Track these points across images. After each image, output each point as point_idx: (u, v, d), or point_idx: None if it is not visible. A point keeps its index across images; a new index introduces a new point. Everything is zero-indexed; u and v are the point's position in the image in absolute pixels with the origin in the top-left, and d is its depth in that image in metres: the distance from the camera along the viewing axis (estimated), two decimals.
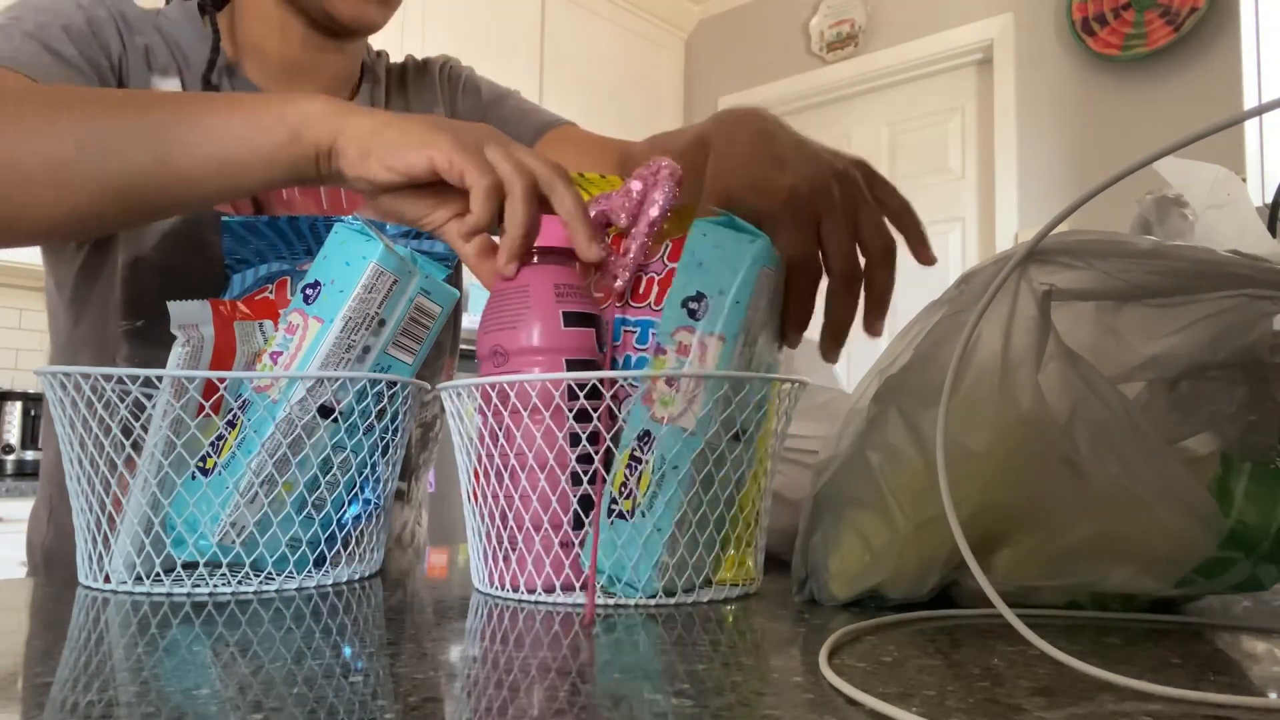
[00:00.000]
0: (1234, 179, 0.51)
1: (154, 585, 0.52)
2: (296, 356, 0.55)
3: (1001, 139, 2.92)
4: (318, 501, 0.56)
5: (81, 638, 0.40)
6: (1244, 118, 0.34)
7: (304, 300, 0.56)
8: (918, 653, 0.38)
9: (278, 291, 0.64)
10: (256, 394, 0.54)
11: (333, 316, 0.55)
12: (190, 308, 0.56)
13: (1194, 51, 2.57)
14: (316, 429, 0.54)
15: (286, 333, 0.56)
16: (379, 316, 0.56)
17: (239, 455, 0.54)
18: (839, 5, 3.34)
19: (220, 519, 0.53)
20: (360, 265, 0.55)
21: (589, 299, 0.55)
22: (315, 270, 0.56)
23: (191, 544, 0.53)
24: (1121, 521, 0.44)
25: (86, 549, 0.54)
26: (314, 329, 0.55)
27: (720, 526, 0.52)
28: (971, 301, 0.44)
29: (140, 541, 0.53)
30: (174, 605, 0.48)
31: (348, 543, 0.58)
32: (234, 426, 0.54)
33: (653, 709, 0.30)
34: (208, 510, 0.53)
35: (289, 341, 0.55)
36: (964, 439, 0.43)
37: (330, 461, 0.56)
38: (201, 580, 0.53)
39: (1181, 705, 0.31)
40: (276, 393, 0.54)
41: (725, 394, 0.49)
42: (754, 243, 0.50)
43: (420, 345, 0.60)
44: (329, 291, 0.55)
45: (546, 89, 3.17)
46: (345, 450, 0.56)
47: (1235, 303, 0.42)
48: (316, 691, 0.31)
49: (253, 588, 0.53)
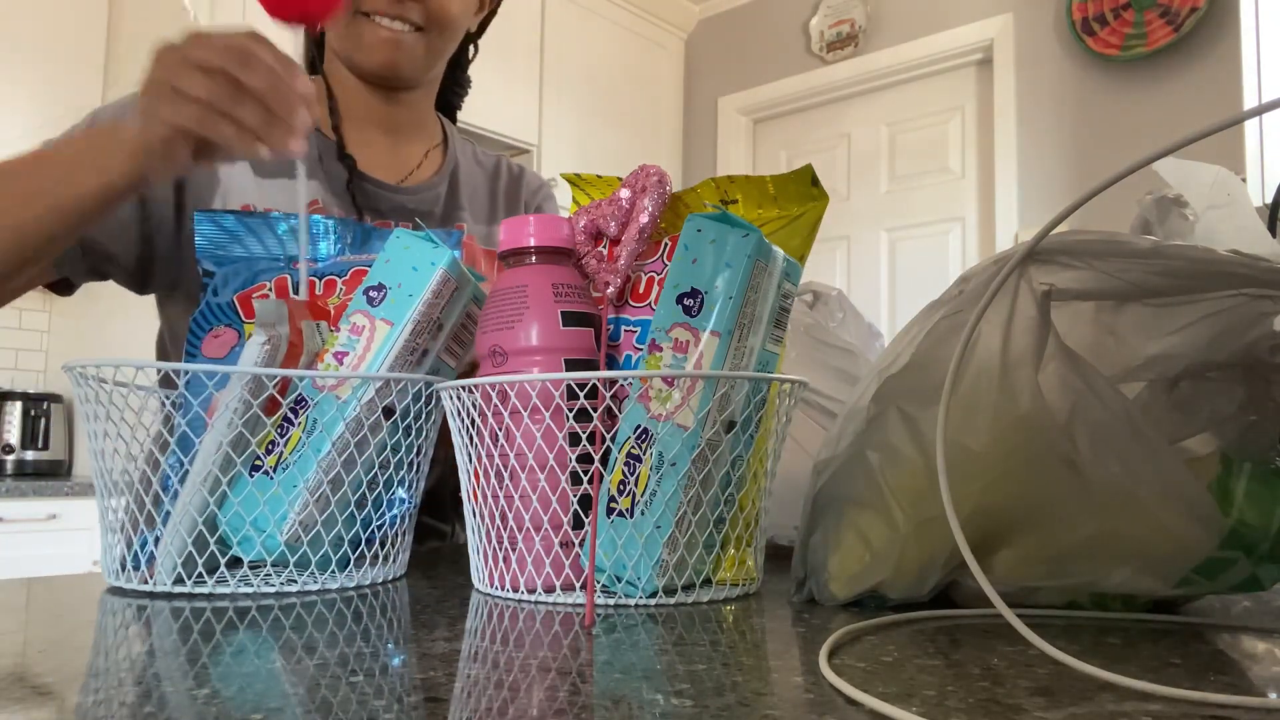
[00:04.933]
0: (1234, 179, 0.51)
1: (196, 585, 0.52)
2: (365, 358, 0.56)
3: (1001, 139, 2.92)
4: (360, 501, 0.57)
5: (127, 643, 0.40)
6: (1244, 118, 0.34)
7: (368, 302, 0.57)
8: (918, 653, 0.38)
9: (277, 290, 0.64)
10: (322, 393, 0.54)
11: (402, 320, 0.56)
12: (270, 305, 0.57)
13: (1194, 51, 2.57)
14: (379, 429, 0.56)
15: (351, 333, 0.57)
16: (439, 321, 0.58)
17: (309, 454, 0.54)
18: (839, 5, 3.34)
19: (290, 518, 0.54)
20: (429, 271, 0.56)
21: (587, 299, 0.55)
22: (378, 273, 0.57)
23: (260, 543, 0.54)
24: (1121, 521, 0.44)
25: (119, 549, 0.54)
26: (383, 331, 0.56)
27: (720, 525, 0.52)
28: (971, 301, 0.44)
29: (188, 541, 0.53)
30: (196, 609, 0.48)
31: (384, 543, 0.58)
32: (292, 424, 0.55)
33: (653, 709, 0.30)
34: (277, 509, 0.54)
35: (355, 342, 0.56)
36: (964, 439, 0.43)
37: (383, 461, 0.57)
38: (245, 580, 0.53)
39: (1181, 705, 0.31)
40: (347, 392, 0.55)
41: (724, 390, 0.49)
42: (747, 237, 0.50)
43: (465, 350, 0.61)
44: (396, 295, 0.56)
45: (546, 89, 3.17)
46: (399, 451, 0.57)
47: (1235, 303, 0.42)
48: (317, 691, 0.31)
49: (296, 587, 0.53)
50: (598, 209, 0.58)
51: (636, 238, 0.56)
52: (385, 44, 0.82)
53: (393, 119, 0.91)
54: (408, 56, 0.84)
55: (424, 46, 0.84)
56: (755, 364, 0.52)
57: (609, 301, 0.56)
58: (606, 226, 0.57)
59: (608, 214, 0.58)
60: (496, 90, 2.97)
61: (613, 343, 0.56)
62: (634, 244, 0.56)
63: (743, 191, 0.59)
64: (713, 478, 0.50)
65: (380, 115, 0.90)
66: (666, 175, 0.58)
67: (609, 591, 0.50)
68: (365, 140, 0.90)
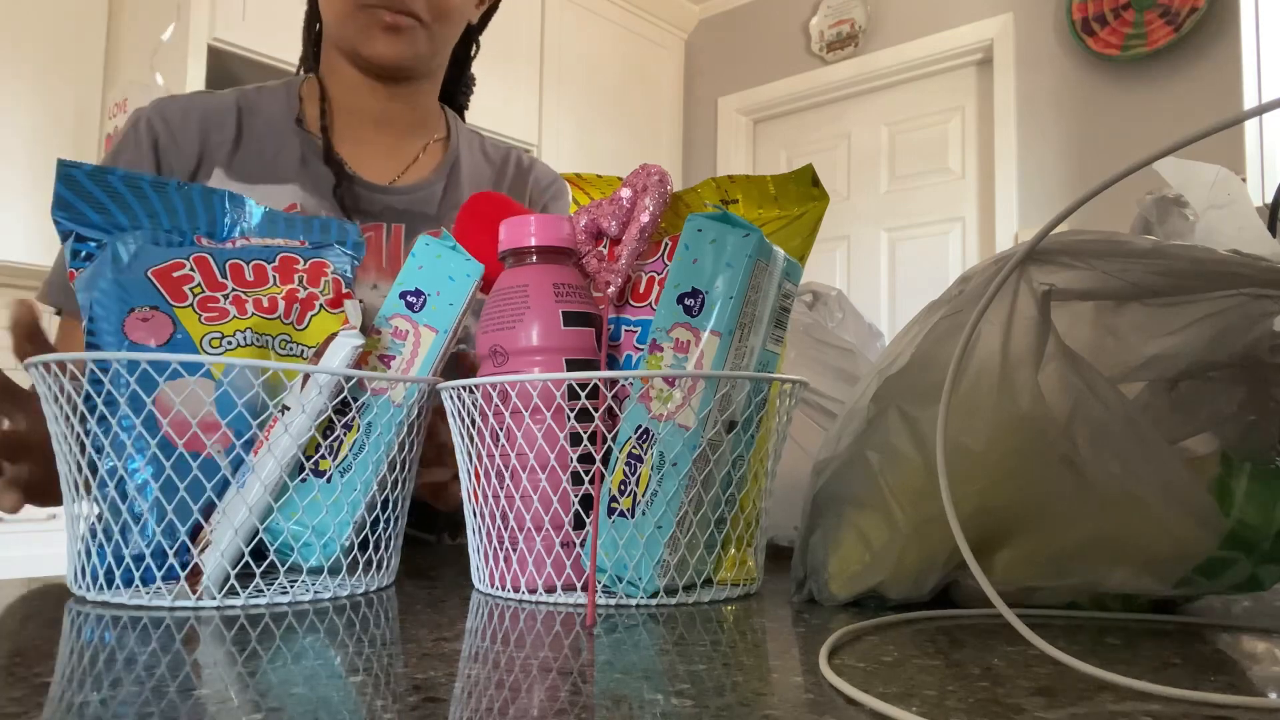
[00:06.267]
0: (1234, 179, 0.51)
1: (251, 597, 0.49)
2: (414, 362, 0.57)
3: (1001, 139, 2.93)
4: (370, 504, 0.56)
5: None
6: (1244, 118, 0.34)
7: (408, 308, 0.58)
8: (918, 653, 0.38)
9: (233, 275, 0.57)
10: (374, 396, 0.55)
11: (447, 328, 0.57)
12: (356, 307, 0.57)
13: (1194, 51, 2.57)
14: (415, 430, 0.57)
15: (395, 337, 0.57)
16: (462, 327, 0.60)
17: (368, 458, 0.54)
18: (839, 5, 3.34)
19: (349, 525, 0.54)
20: (466, 283, 0.58)
21: (588, 299, 0.55)
22: (412, 278, 0.58)
23: (319, 549, 0.53)
24: (1121, 521, 0.44)
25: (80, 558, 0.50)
26: (428, 337, 0.57)
27: (721, 525, 0.52)
28: (971, 301, 0.44)
29: (241, 550, 0.50)
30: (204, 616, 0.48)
31: (377, 547, 0.56)
32: (350, 429, 0.55)
33: (653, 709, 0.30)
34: (337, 515, 0.53)
35: (400, 346, 0.57)
36: (964, 439, 0.43)
37: (397, 463, 0.57)
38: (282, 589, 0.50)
39: (1181, 705, 0.31)
40: (399, 396, 0.55)
41: (725, 390, 0.49)
42: (748, 237, 0.50)
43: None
44: (437, 303, 0.57)
45: (546, 89, 3.17)
46: (404, 451, 0.57)
47: (1235, 303, 0.42)
48: (317, 691, 0.31)
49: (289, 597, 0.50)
50: (598, 208, 0.58)
51: (637, 237, 0.56)
52: (388, 34, 0.83)
53: (392, 115, 0.91)
54: (411, 46, 0.84)
55: (426, 36, 0.85)
56: (756, 364, 0.52)
57: (609, 301, 0.56)
58: (607, 226, 0.57)
59: (608, 213, 0.58)
60: (497, 90, 2.97)
61: (613, 343, 0.56)
62: (635, 243, 0.56)
63: (743, 191, 0.59)
64: (714, 478, 0.50)
65: (379, 111, 0.90)
66: (667, 175, 0.58)
67: (610, 592, 0.50)
68: (362, 138, 0.90)
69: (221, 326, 0.55)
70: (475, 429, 0.53)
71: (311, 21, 0.94)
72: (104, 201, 0.56)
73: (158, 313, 0.54)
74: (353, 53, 0.86)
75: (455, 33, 0.90)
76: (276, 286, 0.58)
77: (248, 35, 2.41)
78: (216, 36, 2.36)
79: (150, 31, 2.45)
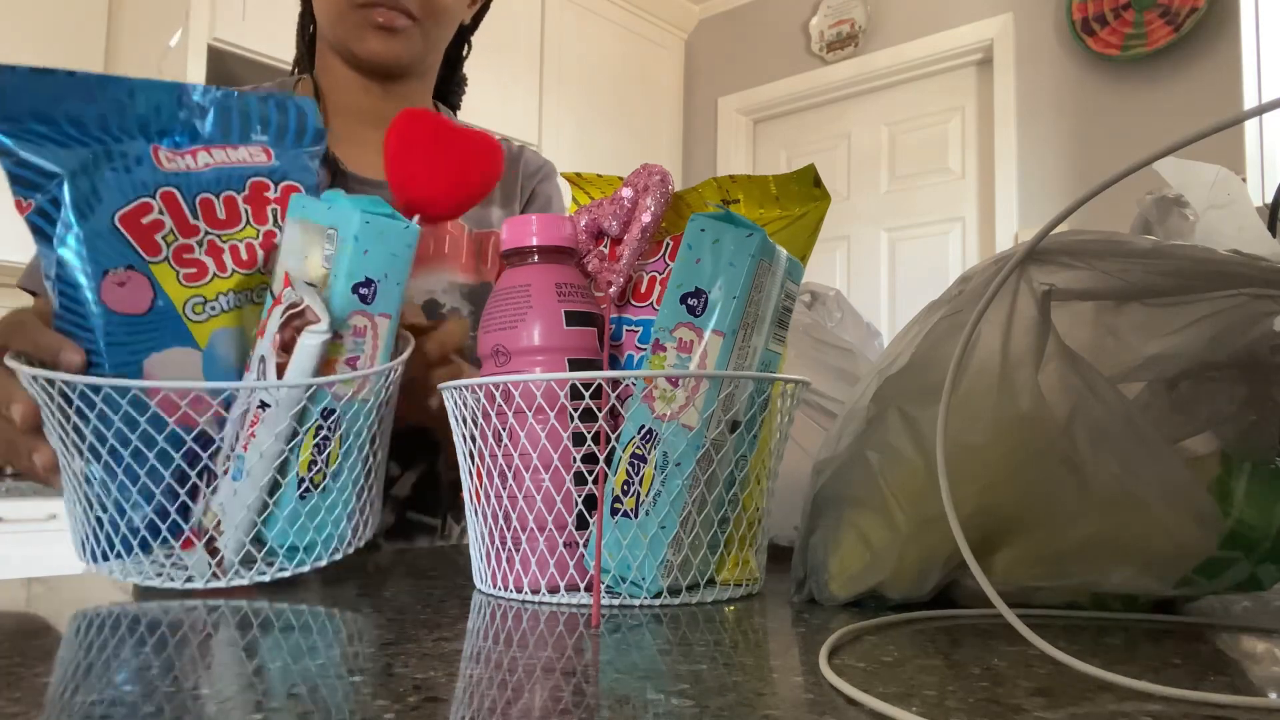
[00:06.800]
0: (1234, 179, 0.51)
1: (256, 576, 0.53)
2: (374, 355, 0.56)
3: (1001, 139, 2.92)
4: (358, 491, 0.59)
5: None
6: (1244, 118, 0.34)
7: (362, 301, 0.55)
8: (918, 653, 0.38)
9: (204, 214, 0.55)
10: (340, 402, 0.55)
11: (395, 309, 0.57)
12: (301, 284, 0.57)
13: (1194, 51, 2.57)
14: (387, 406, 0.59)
15: (355, 337, 0.55)
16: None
17: (357, 460, 0.56)
18: (839, 5, 3.34)
19: (345, 521, 0.56)
20: (407, 254, 0.56)
21: (590, 298, 0.55)
22: (361, 267, 0.54)
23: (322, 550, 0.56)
24: (1121, 521, 0.44)
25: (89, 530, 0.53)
26: (383, 325, 0.56)
27: (724, 525, 0.52)
28: (971, 301, 0.44)
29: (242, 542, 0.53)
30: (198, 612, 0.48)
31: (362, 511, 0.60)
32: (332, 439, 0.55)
33: (654, 709, 0.30)
34: (335, 515, 0.56)
35: (361, 344, 0.55)
36: (964, 439, 0.43)
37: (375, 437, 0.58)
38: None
39: (1181, 705, 0.31)
40: (369, 394, 0.56)
41: (728, 390, 0.49)
42: (751, 237, 0.50)
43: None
44: (385, 286, 0.56)
45: (546, 89, 3.17)
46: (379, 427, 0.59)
47: (1235, 303, 0.42)
48: (317, 691, 0.31)
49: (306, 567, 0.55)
50: (599, 208, 0.58)
51: (639, 237, 0.56)
52: (382, 33, 0.84)
53: (387, 113, 0.91)
54: (404, 45, 0.85)
55: (420, 35, 0.86)
56: (758, 364, 0.52)
57: (611, 301, 0.56)
58: (608, 226, 0.57)
59: (609, 213, 0.58)
60: (496, 89, 2.97)
61: (614, 342, 0.56)
62: (637, 243, 0.56)
63: (744, 191, 0.59)
64: (717, 478, 0.50)
65: (374, 110, 0.91)
66: (669, 175, 0.58)
67: (613, 592, 0.50)
68: (357, 137, 0.90)
69: (203, 289, 0.54)
70: (477, 429, 0.53)
71: (305, 23, 0.95)
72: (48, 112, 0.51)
73: (134, 273, 0.52)
74: (347, 52, 0.87)
75: (448, 32, 0.91)
76: (251, 227, 0.56)
77: (248, 35, 2.41)
78: (217, 37, 2.36)
79: (150, 34, 2.45)
